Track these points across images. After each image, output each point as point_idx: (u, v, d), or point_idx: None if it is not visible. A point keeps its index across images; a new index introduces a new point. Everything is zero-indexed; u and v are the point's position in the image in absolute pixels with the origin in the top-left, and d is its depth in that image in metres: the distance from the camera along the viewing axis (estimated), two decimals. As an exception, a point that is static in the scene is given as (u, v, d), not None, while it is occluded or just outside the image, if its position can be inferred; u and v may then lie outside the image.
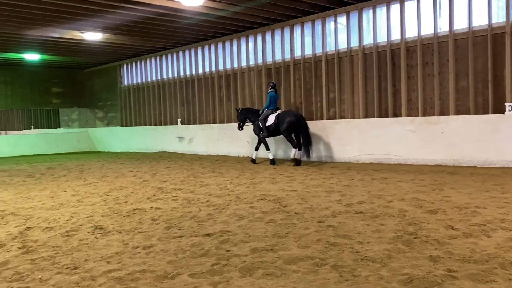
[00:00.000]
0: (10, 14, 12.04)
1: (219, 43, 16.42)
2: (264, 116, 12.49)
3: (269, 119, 12.35)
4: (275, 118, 12.17)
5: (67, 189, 9.10)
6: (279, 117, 12.11)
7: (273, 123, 12.18)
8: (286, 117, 11.88)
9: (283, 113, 12.21)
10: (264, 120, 12.43)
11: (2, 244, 4.91)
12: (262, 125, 12.39)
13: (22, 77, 21.81)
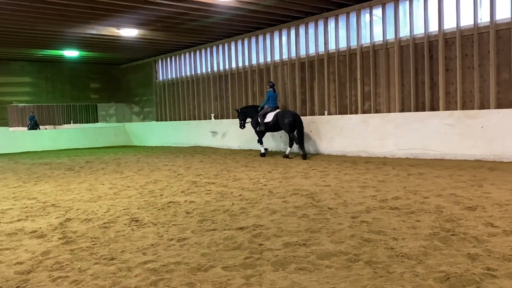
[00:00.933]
0: (50, 13, 12.44)
1: (252, 37, 16.42)
2: (264, 112, 13.42)
3: (268, 116, 13.29)
4: (274, 116, 13.07)
5: (105, 182, 9.35)
6: (277, 115, 12.95)
7: (272, 120, 13.10)
8: (285, 117, 12.72)
9: (281, 113, 13.00)
10: (263, 116, 13.38)
11: (44, 234, 5.10)
12: (261, 120, 13.38)
13: (62, 73, 22.52)
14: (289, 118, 12.59)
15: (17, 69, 21.26)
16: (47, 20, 13.35)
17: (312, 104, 14.46)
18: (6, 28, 14.20)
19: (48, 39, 16.42)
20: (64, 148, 21.66)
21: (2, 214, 6.35)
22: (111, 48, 18.53)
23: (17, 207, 6.84)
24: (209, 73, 18.63)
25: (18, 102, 21.84)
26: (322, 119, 13.80)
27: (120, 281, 3.54)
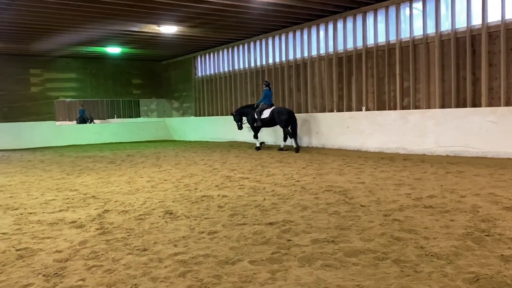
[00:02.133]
0: (94, 10, 12.87)
1: (290, 32, 16.37)
2: (260, 109, 14.56)
3: (264, 112, 14.44)
4: (270, 113, 14.27)
5: (144, 175, 9.63)
6: (274, 112, 14.17)
7: (268, 116, 14.30)
8: (281, 114, 13.95)
9: (278, 110, 14.24)
10: (260, 112, 14.53)
11: (82, 224, 5.34)
12: (258, 117, 14.55)
13: (106, 69, 23.26)
14: (285, 115, 13.83)
15: (63, 66, 22.15)
16: (90, 18, 13.82)
17: (350, 100, 14.28)
18: (52, 26, 14.82)
19: (92, 36, 16.97)
20: (108, 142, 22.43)
21: (45, 204, 6.69)
22: (152, 44, 18.96)
23: (60, 198, 7.18)
24: (246, 68, 18.74)
25: (64, 97, 22.74)
26: (360, 115, 13.62)
27: (151, 271, 3.67)
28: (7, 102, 20.58)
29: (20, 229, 5.18)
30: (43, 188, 8.23)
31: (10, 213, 6.13)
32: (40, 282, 3.50)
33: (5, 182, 9.17)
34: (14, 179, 9.69)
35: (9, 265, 3.91)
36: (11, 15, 13.03)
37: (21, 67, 20.93)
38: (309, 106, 15.72)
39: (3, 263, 3.97)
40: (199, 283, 3.38)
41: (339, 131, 14.23)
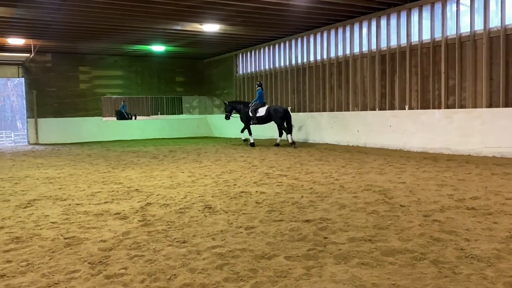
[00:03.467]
0: (139, 10, 13.27)
1: (332, 30, 16.23)
2: (255, 107, 15.58)
3: (259, 110, 15.50)
4: (266, 111, 15.39)
5: (185, 170, 9.87)
6: (270, 110, 15.35)
7: (264, 114, 15.38)
8: (278, 112, 15.20)
9: (274, 108, 15.48)
10: (255, 111, 15.53)
11: (126, 216, 5.56)
12: (253, 115, 15.54)
13: (150, 67, 23.90)
14: (281, 113, 15.11)
15: (110, 63, 22.95)
16: (136, 18, 14.26)
17: (392, 98, 14.01)
18: (100, 25, 15.39)
19: (138, 35, 17.50)
20: (151, 138, 23.08)
21: (92, 196, 6.99)
22: (195, 43, 19.30)
23: (105, 190, 7.48)
24: (287, 66, 18.73)
25: (111, 94, 23.56)
26: (403, 114, 13.34)
27: (189, 262, 3.79)
28: (57, 98, 21.55)
29: (68, 219, 5.46)
30: (90, 181, 8.60)
31: (59, 203, 6.46)
32: (86, 269, 3.70)
33: (54, 175, 9.64)
34: (63, 171, 10.17)
35: (57, 252, 4.15)
36: (63, 15, 13.64)
37: (71, 65, 21.87)
38: (350, 104, 15.55)
39: (52, 250, 4.21)
40: (235, 276, 3.47)
41: (381, 130, 14.00)
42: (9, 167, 11.43)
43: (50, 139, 21.28)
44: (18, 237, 4.68)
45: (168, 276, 3.48)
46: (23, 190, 7.64)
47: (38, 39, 17.52)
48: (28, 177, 9.28)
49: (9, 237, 4.69)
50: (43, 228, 5.03)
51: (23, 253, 4.15)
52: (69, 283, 3.39)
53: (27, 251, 4.19)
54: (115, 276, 3.51)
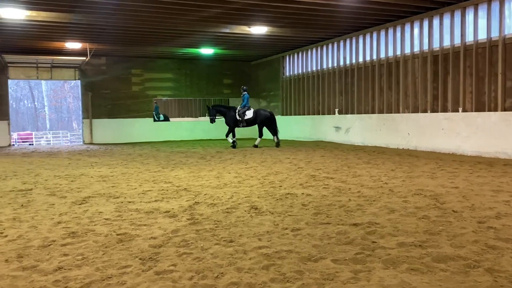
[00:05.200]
0: (189, 14, 13.56)
1: (381, 30, 15.90)
2: (243, 111, 16.49)
3: (247, 113, 16.48)
4: (254, 113, 16.50)
5: (231, 171, 9.98)
6: (257, 113, 16.54)
7: (252, 117, 16.45)
8: (263, 114, 16.54)
9: (260, 111, 16.78)
10: (243, 114, 16.46)
11: (175, 214, 5.70)
12: (242, 118, 16.49)
13: (199, 69, 24.37)
14: (267, 115, 16.53)
15: (161, 66, 23.61)
16: (187, 21, 14.59)
17: (445, 100, 13.52)
18: (152, 29, 15.87)
19: (188, 38, 17.91)
20: (199, 139, 23.51)
21: (143, 194, 7.22)
22: (243, 45, 19.49)
23: (156, 189, 7.70)
24: (335, 67, 18.53)
25: (161, 96, 24.22)
26: (456, 116, 12.86)
27: (236, 262, 3.83)
28: (111, 100, 22.42)
29: (121, 216, 5.67)
30: (141, 180, 8.88)
31: (112, 201, 6.72)
32: (137, 264, 3.83)
33: (108, 173, 10.04)
34: (115, 170, 10.56)
35: (110, 248, 4.32)
36: (117, 20, 14.18)
37: (124, 68, 22.69)
38: (400, 106, 15.16)
39: (106, 246, 4.38)
40: (281, 277, 3.47)
41: (432, 133, 13.55)
42: (65, 165, 12.01)
43: (103, 139, 22.17)
44: (74, 232, 4.91)
45: (216, 275, 3.54)
46: (79, 188, 8.00)
47: (94, 43, 18.31)
48: (83, 175, 9.71)
49: (65, 232, 4.93)
50: (97, 224, 5.25)
51: (78, 247, 4.35)
52: (121, 277, 3.52)
53: (82, 246, 4.39)
54: (164, 273, 3.61)
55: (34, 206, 6.37)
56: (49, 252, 4.19)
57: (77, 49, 19.25)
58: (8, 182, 8.87)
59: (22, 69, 21.32)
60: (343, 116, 17.86)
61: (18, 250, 4.28)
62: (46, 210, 6.12)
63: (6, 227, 5.19)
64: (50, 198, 7.03)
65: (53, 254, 4.12)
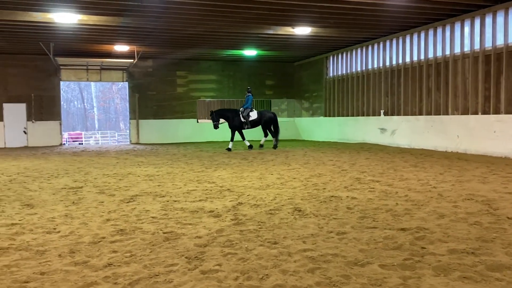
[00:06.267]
0: (234, 16, 13.69)
1: (430, 29, 15.41)
2: (246, 113, 16.23)
3: (251, 114, 16.30)
4: (258, 114, 16.43)
5: (273, 172, 9.96)
6: (261, 114, 16.52)
7: (257, 117, 16.35)
8: (267, 115, 16.52)
9: (264, 112, 16.76)
10: (248, 115, 16.23)
11: (219, 214, 5.74)
12: (246, 120, 16.23)
13: (242, 71, 24.55)
14: (271, 116, 16.52)
15: (205, 68, 23.97)
16: (229, 23, 14.73)
17: (498, 101, 12.93)
18: (197, 32, 16.13)
19: (231, 40, 18.08)
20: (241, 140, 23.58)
21: (187, 194, 7.33)
22: (286, 46, 19.46)
23: (200, 189, 7.80)
24: (380, 68, 18.14)
25: (205, 97, 24.57)
26: (510, 118, 12.27)
27: (281, 264, 3.81)
28: (156, 101, 22.99)
29: (167, 215, 5.78)
30: (186, 179, 9.03)
31: (158, 199, 6.86)
32: (183, 263, 3.88)
33: (154, 172, 10.27)
34: (161, 170, 10.80)
35: (157, 246, 4.40)
36: (164, 23, 14.52)
37: (169, 70, 23.22)
38: (449, 108, 14.63)
39: (153, 243, 4.47)
40: (327, 281, 3.42)
41: (484, 136, 13.00)
42: (113, 164, 12.40)
43: (149, 139, 22.74)
44: (122, 229, 5.04)
45: (261, 276, 3.53)
46: (126, 186, 8.23)
47: (141, 46, 18.82)
48: (131, 174, 9.98)
49: (114, 229, 5.07)
50: (144, 222, 5.37)
51: (127, 244, 4.46)
52: (168, 275, 3.58)
53: (130, 243, 4.50)
54: (210, 272, 3.64)
55: (84, 204, 6.61)
56: (99, 249, 4.32)
57: (125, 52, 19.86)
58: (60, 180, 9.25)
59: (73, 71, 22.22)
60: (388, 117, 17.45)
61: (70, 245, 4.44)
62: (95, 207, 6.33)
63: (59, 223, 5.40)
64: (99, 196, 7.27)
65: (103, 251, 4.25)
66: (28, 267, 3.81)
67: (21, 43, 17.96)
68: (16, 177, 9.76)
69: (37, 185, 8.53)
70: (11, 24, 14.13)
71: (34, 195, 7.36)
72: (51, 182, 8.85)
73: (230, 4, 12.30)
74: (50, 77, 21.59)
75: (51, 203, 6.70)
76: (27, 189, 8.05)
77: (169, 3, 12.07)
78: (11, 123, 21.06)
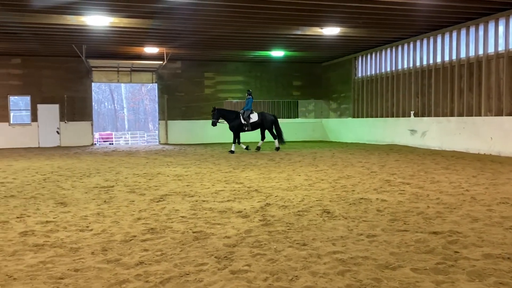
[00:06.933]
0: (261, 17, 13.72)
1: (462, 29, 15.05)
2: (247, 115, 16.02)
3: (252, 116, 16.12)
4: (259, 116, 16.19)
5: (301, 173, 9.92)
6: (262, 116, 16.26)
7: (258, 120, 16.12)
8: (269, 117, 16.33)
9: (265, 114, 16.53)
10: (248, 117, 16.02)
11: (247, 215, 5.76)
12: (247, 121, 16.01)
13: (269, 72, 24.57)
14: (272, 118, 16.37)
15: (232, 69, 24.10)
16: (257, 24, 14.76)
17: (534, 102, 12.52)
18: (226, 33, 16.23)
19: (259, 41, 18.12)
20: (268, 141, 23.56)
21: (216, 194, 7.38)
22: (314, 46, 19.36)
23: (228, 189, 7.84)
24: (410, 68, 17.83)
25: (232, 98, 24.69)
26: (546, 120, 11.86)
27: (310, 265, 3.79)
28: (185, 102, 23.26)
29: (196, 214, 5.83)
30: (214, 180, 9.09)
31: (187, 199, 6.93)
32: (213, 262, 3.90)
33: (182, 172, 10.39)
34: (189, 170, 10.91)
35: (187, 245, 4.44)
36: (193, 25, 14.67)
37: (197, 71, 23.45)
38: (482, 109, 14.25)
39: (183, 243, 4.52)
40: (358, 284, 3.37)
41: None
42: (143, 164, 12.60)
43: (178, 140, 23.02)
44: (153, 228, 5.12)
45: (290, 277, 3.52)
46: (156, 186, 8.35)
47: (170, 48, 19.07)
48: (160, 174, 10.13)
49: (145, 227, 5.15)
50: (174, 222, 5.43)
51: (157, 243, 4.53)
52: (198, 274, 3.61)
53: (161, 242, 4.56)
54: (239, 272, 3.65)
55: (115, 202, 6.74)
56: (131, 247, 4.40)
57: (154, 54, 20.17)
58: (92, 179, 9.47)
59: (105, 73, 22.71)
60: (419, 118, 17.13)
61: (103, 243, 4.53)
62: (126, 206, 6.45)
63: (91, 221, 5.53)
64: (130, 195, 7.40)
65: (134, 249, 4.33)
66: (63, 264, 3.91)
67: (55, 46, 18.48)
68: (49, 176, 10.05)
69: (70, 184, 8.75)
70: (46, 27, 14.56)
71: (67, 194, 7.56)
72: (83, 181, 9.07)
73: (259, 5, 12.33)
74: (82, 79, 22.14)
75: (83, 201, 6.86)
76: (60, 187, 8.27)
77: (198, 5, 12.19)
78: (44, 124, 21.70)
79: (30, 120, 21.75)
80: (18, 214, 5.98)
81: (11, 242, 4.61)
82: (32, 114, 21.66)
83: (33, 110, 21.59)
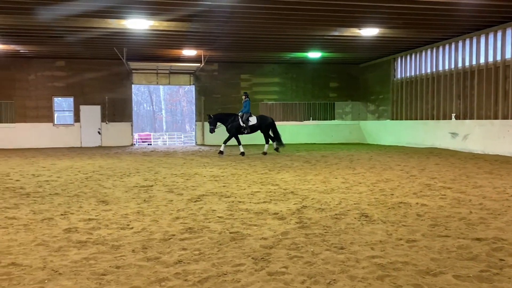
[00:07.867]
0: (298, 18, 13.68)
1: (508, 28, 14.50)
2: (246, 118, 15.88)
3: (251, 119, 15.97)
4: (258, 119, 16.09)
5: (338, 176, 9.81)
6: (260, 119, 16.21)
7: (257, 123, 16.02)
8: (267, 120, 16.30)
9: (263, 117, 16.51)
10: (247, 120, 15.87)
11: (284, 217, 5.75)
12: (246, 125, 15.89)
13: (305, 73, 24.45)
14: (270, 121, 16.32)
15: (268, 71, 24.13)
16: (295, 25, 14.73)
17: None
18: (262, 35, 16.29)
19: (295, 43, 18.07)
20: (303, 142, 23.54)
21: (252, 195, 7.41)
22: (351, 48, 19.13)
23: (263, 191, 7.86)
24: (452, 69, 17.32)
25: (268, 100, 24.73)
26: None
27: (348, 269, 3.74)
28: (220, 104, 23.47)
29: (232, 215, 5.87)
30: (249, 181, 9.13)
31: (224, 200, 7.00)
32: (250, 263, 3.92)
33: (219, 173, 10.49)
34: (226, 171, 11.00)
35: (224, 245, 4.49)
36: (230, 27, 14.81)
37: (233, 73, 23.64)
38: (528, 112, 13.67)
39: (220, 243, 4.57)
40: (398, 289, 3.31)
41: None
42: (181, 164, 12.81)
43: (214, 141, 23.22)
44: (191, 227, 5.20)
45: (328, 281, 3.49)
46: (193, 186, 8.47)
47: (208, 50, 19.31)
48: (197, 174, 10.26)
49: (183, 227, 5.23)
50: (211, 222, 5.50)
51: (195, 242, 4.59)
52: (235, 275, 3.64)
53: (199, 241, 4.62)
54: (276, 274, 3.65)
55: (154, 202, 6.88)
56: (170, 246, 4.48)
57: (192, 56, 20.48)
58: (132, 178, 9.71)
59: (144, 75, 23.25)
60: (460, 121, 16.61)
61: (143, 241, 4.64)
62: (165, 205, 6.58)
63: (132, 220, 5.67)
64: (168, 194, 7.54)
65: (173, 248, 4.40)
66: (105, 261, 4.03)
67: (97, 49, 19.07)
68: (91, 175, 10.37)
69: (111, 183, 9.01)
70: (88, 30, 15.05)
71: (109, 192, 7.78)
72: (124, 181, 9.31)
73: (296, 7, 12.30)
74: (122, 81, 22.74)
75: (124, 200, 7.04)
76: (102, 186, 8.53)
77: (236, 7, 12.29)
78: (87, 124, 22.43)
79: (73, 120, 22.54)
80: (62, 211, 6.21)
81: (56, 238, 4.79)
82: (75, 115, 22.44)
83: (76, 111, 22.36)
